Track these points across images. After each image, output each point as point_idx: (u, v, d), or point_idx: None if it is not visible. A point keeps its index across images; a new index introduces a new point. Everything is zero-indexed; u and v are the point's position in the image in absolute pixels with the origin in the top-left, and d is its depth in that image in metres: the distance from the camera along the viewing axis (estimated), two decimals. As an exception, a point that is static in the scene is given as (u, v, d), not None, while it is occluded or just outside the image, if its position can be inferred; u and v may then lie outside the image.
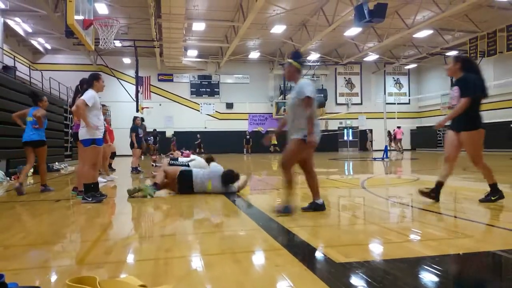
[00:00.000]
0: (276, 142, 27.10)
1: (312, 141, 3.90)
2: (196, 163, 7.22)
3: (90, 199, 5.04)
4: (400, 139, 24.28)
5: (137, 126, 10.87)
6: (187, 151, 12.73)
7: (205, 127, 28.25)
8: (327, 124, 30.35)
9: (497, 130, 19.90)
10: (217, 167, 5.98)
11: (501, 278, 2.28)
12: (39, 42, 23.57)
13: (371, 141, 28.03)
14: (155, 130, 23.62)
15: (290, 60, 4.13)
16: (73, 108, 5.57)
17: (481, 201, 4.51)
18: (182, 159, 7.90)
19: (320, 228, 3.55)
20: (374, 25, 19.32)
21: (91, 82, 5.32)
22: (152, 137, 21.71)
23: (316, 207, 4.14)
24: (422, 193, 4.65)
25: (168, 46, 21.22)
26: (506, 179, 7.49)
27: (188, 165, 6.86)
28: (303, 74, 21.11)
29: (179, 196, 5.66)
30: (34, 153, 6.75)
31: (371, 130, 28.66)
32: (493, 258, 2.58)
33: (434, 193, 4.59)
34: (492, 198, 4.45)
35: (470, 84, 4.33)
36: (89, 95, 5.13)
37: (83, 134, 5.15)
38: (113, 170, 11.15)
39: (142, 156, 18.56)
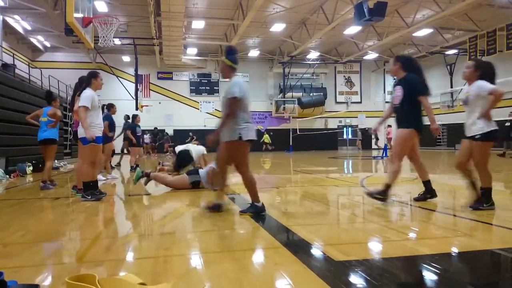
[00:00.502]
0: (269, 141, 27.08)
1: (209, 139, 3.79)
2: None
3: (89, 197, 5.04)
4: (391, 138, 24.37)
5: (136, 124, 10.82)
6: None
7: (205, 125, 28.24)
8: (327, 122, 30.36)
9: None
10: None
11: (500, 276, 2.29)
12: (38, 40, 23.52)
13: (361, 140, 28.02)
14: (156, 128, 23.55)
15: (224, 59, 4.02)
16: (75, 108, 5.58)
17: (416, 199, 4.56)
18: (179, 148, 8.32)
19: (319, 226, 3.55)
20: (374, 24, 19.32)
21: (89, 80, 5.31)
22: (151, 135, 21.66)
23: (256, 209, 3.93)
24: (418, 199, 4.62)
25: (167, 44, 21.19)
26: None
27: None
28: (304, 72, 21.04)
29: (178, 194, 5.66)
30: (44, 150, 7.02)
31: (362, 129, 28.64)
32: (492, 256, 2.58)
33: (428, 193, 4.59)
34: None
35: (418, 83, 4.38)
36: (86, 96, 5.11)
37: (82, 132, 5.14)
38: (118, 165, 11.16)
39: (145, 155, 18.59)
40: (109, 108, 10.00)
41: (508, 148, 14.39)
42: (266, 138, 27.22)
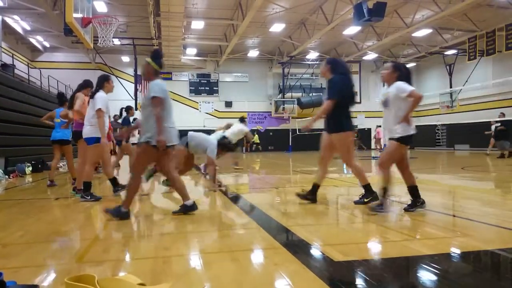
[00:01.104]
0: (258, 141, 27.02)
1: (161, 140, 3.74)
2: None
3: (89, 198, 5.04)
4: (380, 139, 24.67)
5: (129, 117, 10.19)
6: None
7: (204, 126, 28.22)
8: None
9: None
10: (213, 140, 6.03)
11: (500, 277, 2.29)
12: (37, 40, 23.49)
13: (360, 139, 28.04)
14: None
15: (148, 60, 4.02)
16: (76, 107, 5.59)
17: (356, 203, 4.53)
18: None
19: (318, 227, 3.55)
20: (373, 24, 19.33)
21: (101, 83, 5.37)
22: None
23: (186, 209, 3.97)
24: (300, 195, 4.63)
25: (167, 44, 21.18)
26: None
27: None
28: (304, 72, 21.04)
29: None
30: (60, 151, 7.16)
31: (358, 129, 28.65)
32: (492, 257, 2.59)
33: (311, 195, 4.60)
34: (365, 200, 4.43)
35: (336, 87, 4.40)
36: (101, 100, 5.16)
37: (87, 132, 5.15)
38: (117, 166, 11.16)
39: None
40: (128, 111, 10.00)
41: (503, 149, 14.42)
42: (256, 138, 27.07)
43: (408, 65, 23.32)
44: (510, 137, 14.50)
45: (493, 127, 15.03)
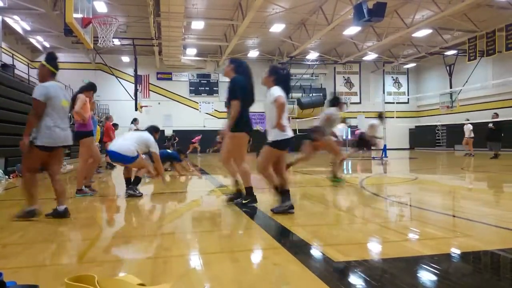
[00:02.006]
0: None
1: (23, 142, 3.71)
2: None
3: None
4: None
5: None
6: None
7: (204, 126, 28.22)
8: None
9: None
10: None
11: (499, 277, 2.29)
12: (37, 40, 23.49)
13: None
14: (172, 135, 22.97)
15: (43, 61, 4.04)
16: (76, 108, 5.61)
17: (230, 201, 4.54)
18: None
19: (318, 227, 3.55)
20: (373, 24, 19.32)
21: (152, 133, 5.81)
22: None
23: (56, 214, 3.85)
24: (230, 199, 4.63)
25: (167, 44, 21.18)
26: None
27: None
28: (304, 73, 20.99)
29: (177, 194, 5.66)
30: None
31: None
32: (492, 257, 2.59)
33: (238, 197, 4.59)
34: (243, 202, 4.41)
35: (238, 86, 4.43)
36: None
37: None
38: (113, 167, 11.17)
39: None
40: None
41: (495, 150, 14.46)
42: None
43: (408, 66, 23.65)
44: (500, 137, 14.61)
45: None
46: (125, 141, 5.46)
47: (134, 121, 13.11)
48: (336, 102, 6.94)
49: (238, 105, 4.35)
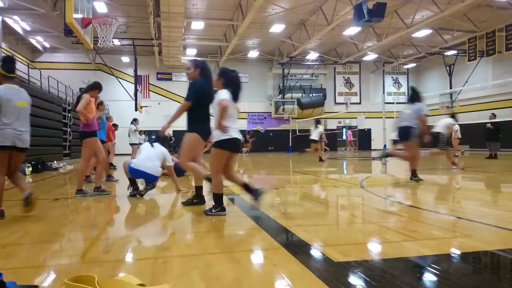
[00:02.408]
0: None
1: None
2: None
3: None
4: (351, 140, 26.86)
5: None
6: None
7: (204, 126, 28.22)
8: (326, 123, 30.34)
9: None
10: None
11: (499, 277, 2.29)
12: (37, 41, 23.51)
13: (325, 141, 28.23)
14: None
15: None
16: (78, 107, 5.62)
17: (183, 204, 4.57)
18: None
19: (318, 227, 3.55)
20: (373, 25, 19.33)
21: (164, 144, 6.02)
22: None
23: (25, 201, 3.98)
24: (186, 203, 4.63)
25: (167, 45, 21.19)
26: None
27: None
28: (304, 73, 21.14)
29: (176, 194, 5.66)
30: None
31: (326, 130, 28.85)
32: (492, 257, 2.59)
33: (198, 199, 4.62)
34: (195, 201, 4.53)
35: (194, 88, 4.49)
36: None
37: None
38: (114, 167, 11.17)
39: None
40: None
41: (494, 150, 14.49)
42: None
43: (408, 66, 23.73)
44: (499, 138, 14.66)
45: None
46: (150, 162, 5.59)
47: (134, 121, 13.30)
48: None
49: (185, 107, 4.50)
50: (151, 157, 5.70)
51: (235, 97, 4.13)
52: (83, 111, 5.60)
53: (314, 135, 14.50)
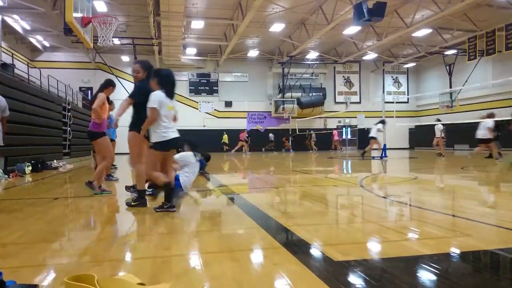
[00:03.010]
0: (227, 142, 26.87)
1: None
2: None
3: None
4: (337, 140, 27.32)
5: None
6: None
7: (204, 126, 28.24)
8: (326, 122, 30.37)
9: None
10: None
11: (499, 277, 2.29)
12: (37, 40, 23.49)
13: (315, 141, 28.36)
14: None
15: None
16: (94, 106, 5.63)
17: (128, 205, 4.52)
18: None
19: (318, 227, 3.55)
20: (373, 24, 19.34)
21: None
22: None
23: None
24: (130, 205, 4.56)
25: (167, 44, 21.18)
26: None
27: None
28: (303, 72, 21.24)
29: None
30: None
31: (315, 129, 28.98)
32: (492, 257, 2.59)
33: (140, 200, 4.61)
34: (132, 204, 4.44)
35: (140, 89, 4.59)
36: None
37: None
38: (115, 166, 11.18)
39: None
40: None
41: (497, 149, 14.49)
42: (225, 138, 26.82)
43: (407, 65, 23.83)
44: (498, 136, 14.69)
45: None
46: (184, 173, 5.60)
47: None
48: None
49: (128, 102, 4.60)
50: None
51: (170, 96, 4.22)
52: (98, 110, 5.62)
53: (373, 132, 15.18)
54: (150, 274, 2.17)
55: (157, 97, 4.09)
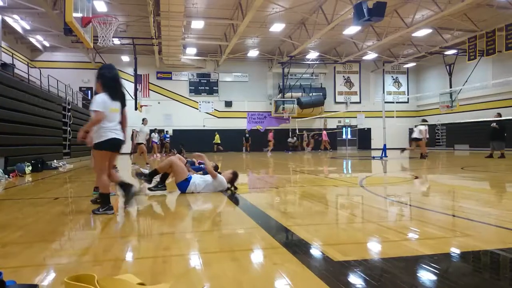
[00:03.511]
0: (219, 141, 26.85)
1: None
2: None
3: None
4: (326, 140, 27.67)
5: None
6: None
7: (204, 125, 28.24)
8: (326, 122, 30.37)
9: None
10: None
11: (499, 277, 2.29)
12: (37, 40, 23.50)
13: (307, 141, 28.43)
14: (156, 129, 23.30)
15: None
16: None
17: (93, 212, 4.30)
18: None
19: (318, 226, 3.55)
20: (373, 24, 19.35)
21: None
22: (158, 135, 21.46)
23: None
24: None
25: (167, 44, 21.19)
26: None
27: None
28: (303, 72, 21.26)
29: (177, 194, 5.65)
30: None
31: (309, 130, 29.04)
32: (491, 257, 2.59)
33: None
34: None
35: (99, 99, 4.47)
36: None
37: None
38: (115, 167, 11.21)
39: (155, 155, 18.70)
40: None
41: (499, 149, 14.51)
42: (217, 139, 26.77)
43: (407, 65, 23.94)
44: (504, 137, 14.66)
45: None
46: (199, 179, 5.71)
47: (143, 121, 13.58)
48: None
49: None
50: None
51: (113, 97, 4.22)
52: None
53: (416, 133, 15.67)
54: (150, 274, 2.17)
55: (100, 98, 4.12)
